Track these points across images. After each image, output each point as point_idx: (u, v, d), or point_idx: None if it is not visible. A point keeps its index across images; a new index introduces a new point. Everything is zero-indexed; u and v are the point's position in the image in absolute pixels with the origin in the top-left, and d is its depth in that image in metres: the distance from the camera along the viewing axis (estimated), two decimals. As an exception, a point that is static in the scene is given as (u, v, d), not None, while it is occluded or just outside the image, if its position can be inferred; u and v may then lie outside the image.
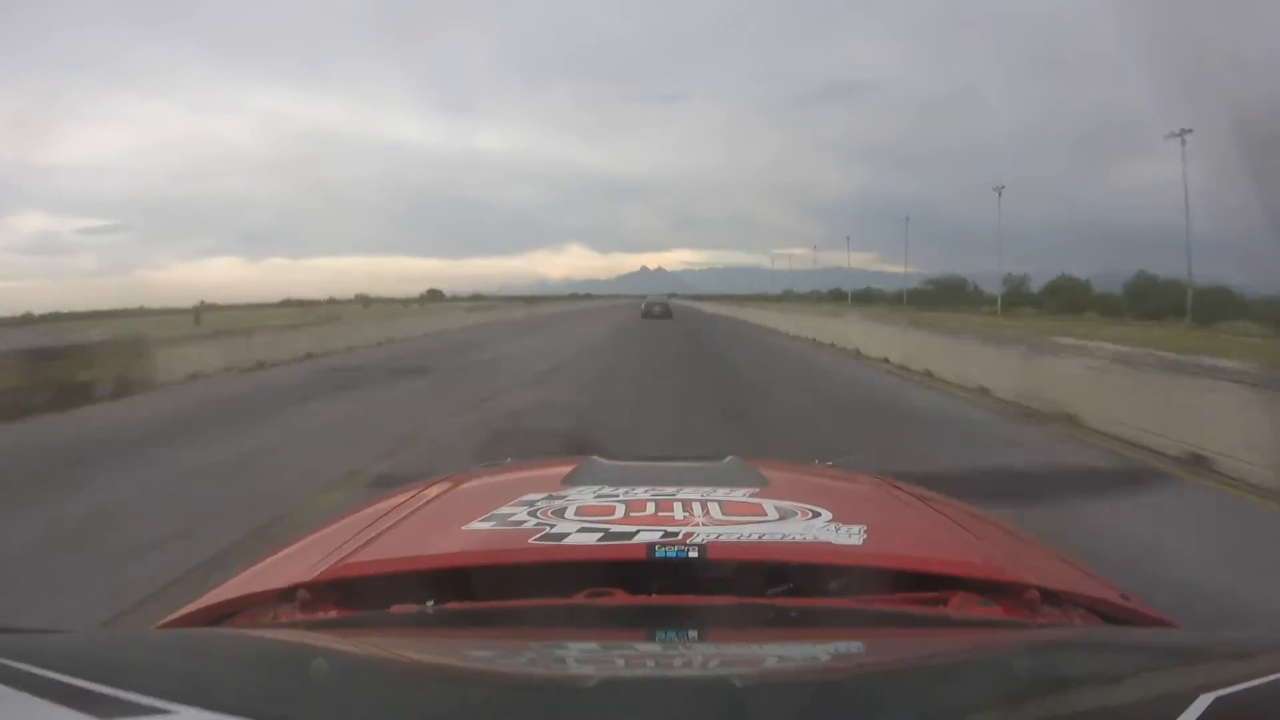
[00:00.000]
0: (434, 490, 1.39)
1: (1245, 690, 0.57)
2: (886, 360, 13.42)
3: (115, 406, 9.16)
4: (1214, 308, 36.63)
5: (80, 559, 3.71)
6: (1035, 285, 65.86)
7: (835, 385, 11.30)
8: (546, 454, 3.63)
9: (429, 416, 7.93)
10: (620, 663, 0.78)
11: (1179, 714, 0.52)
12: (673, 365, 13.70)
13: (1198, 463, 5.53)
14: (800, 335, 21.43)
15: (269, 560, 1.16)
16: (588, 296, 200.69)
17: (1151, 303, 45.01)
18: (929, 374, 11.33)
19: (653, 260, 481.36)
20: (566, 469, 1.39)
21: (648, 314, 31.07)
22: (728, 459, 1.52)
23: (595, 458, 1.52)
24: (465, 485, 1.45)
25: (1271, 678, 0.59)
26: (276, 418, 8.07)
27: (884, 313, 23.79)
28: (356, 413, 8.69)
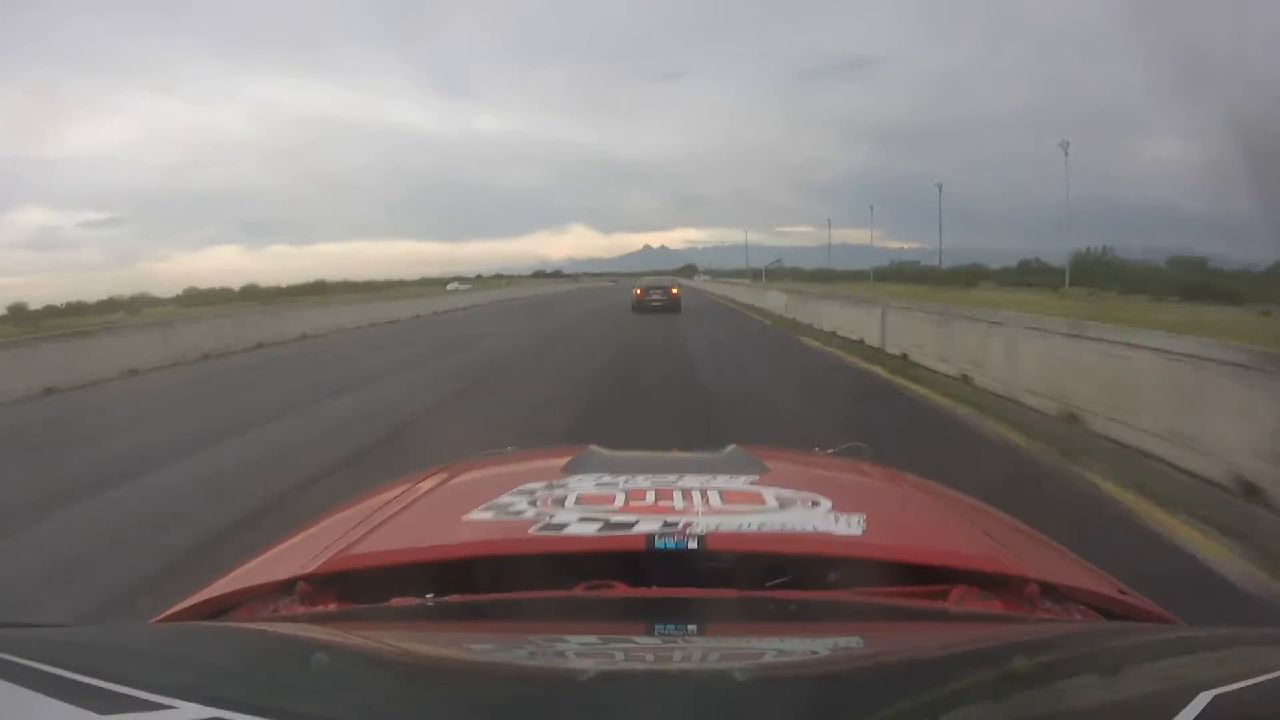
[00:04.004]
0: (434, 480, 1.41)
1: (1245, 688, 0.57)
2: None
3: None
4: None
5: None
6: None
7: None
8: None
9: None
10: (620, 656, 0.78)
11: (1178, 711, 0.52)
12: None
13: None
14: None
15: (268, 553, 1.16)
16: (557, 275, 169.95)
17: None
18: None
19: (656, 239, 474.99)
20: (566, 458, 1.40)
21: (640, 307, 22.81)
22: (729, 448, 1.53)
23: (595, 447, 1.53)
24: (465, 475, 1.47)
25: (1271, 675, 0.59)
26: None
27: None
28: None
